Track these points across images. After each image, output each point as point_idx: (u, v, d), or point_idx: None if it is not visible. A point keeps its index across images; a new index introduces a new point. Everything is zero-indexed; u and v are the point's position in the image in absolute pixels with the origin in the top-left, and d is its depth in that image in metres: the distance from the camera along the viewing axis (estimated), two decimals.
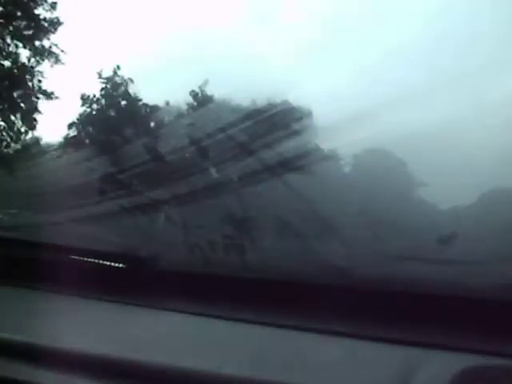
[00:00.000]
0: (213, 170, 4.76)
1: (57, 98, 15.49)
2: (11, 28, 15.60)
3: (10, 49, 15.67)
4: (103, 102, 14.58)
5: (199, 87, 12.71)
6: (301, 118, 7.21)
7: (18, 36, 15.61)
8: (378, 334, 1.51)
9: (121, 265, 2.05)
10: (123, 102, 14.35)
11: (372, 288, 1.67)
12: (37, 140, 15.74)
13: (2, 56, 15.53)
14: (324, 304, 1.61)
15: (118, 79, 14.61)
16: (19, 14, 15.54)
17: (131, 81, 14.53)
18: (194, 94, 12.68)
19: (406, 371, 1.39)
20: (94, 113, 14.52)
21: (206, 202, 4.11)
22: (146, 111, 13.74)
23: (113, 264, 2.06)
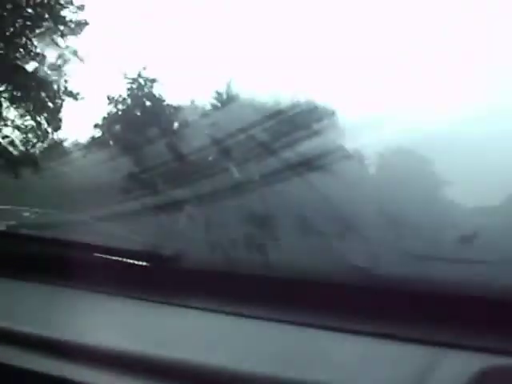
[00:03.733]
0: (235, 170, 4.78)
1: (82, 98, 15.63)
2: (39, 30, 15.77)
3: (38, 50, 15.82)
4: (128, 102, 14.66)
5: (222, 87, 12.75)
6: (322, 118, 7.21)
7: (45, 37, 15.76)
8: (398, 333, 1.52)
9: (144, 263, 2.07)
10: (148, 103, 14.42)
11: (393, 287, 1.68)
12: (63, 140, 15.87)
13: (30, 57, 15.69)
14: (346, 303, 1.63)
15: (142, 79, 14.70)
16: (46, 15, 15.69)
17: (156, 81, 14.62)
18: (216, 95, 12.73)
19: (427, 370, 1.40)
20: (118, 113, 14.61)
21: (228, 201, 4.13)
22: (169, 111, 13.80)
23: (136, 262, 2.08)
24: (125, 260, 2.10)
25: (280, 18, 11.42)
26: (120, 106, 14.77)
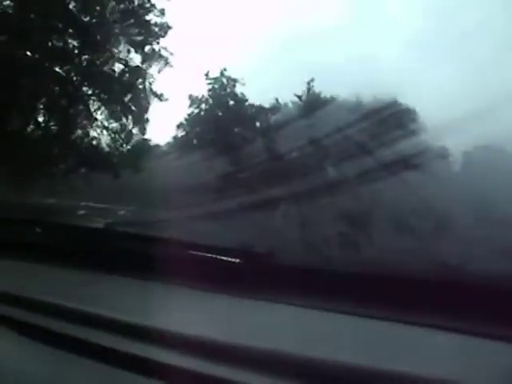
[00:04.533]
0: (330, 169, 4.78)
1: (166, 99, 15.94)
2: (124, 35, 16.19)
3: (123, 54, 16.25)
4: (220, 103, 14.81)
5: (310, 88, 12.74)
6: (416, 118, 7.14)
7: (130, 42, 16.18)
8: (492, 331, 1.50)
9: (238, 260, 2.10)
10: (238, 104, 14.53)
11: (485, 284, 1.66)
12: (155, 140, 16.21)
13: (116, 61, 16.12)
14: (438, 300, 1.62)
15: (225, 79, 14.84)
16: (132, 21, 16.10)
17: (237, 81, 14.75)
18: (308, 95, 12.72)
19: None
20: (209, 114, 14.78)
21: (322, 199, 4.14)
22: (264, 112, 13.86)
23: (230, 259, 2.11)
24: (218, 257, 2.14)
25: (358, 18, 11.33)
26: (211, 107, 14.94)
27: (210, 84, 15.00)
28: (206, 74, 15.07)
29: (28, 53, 15.49)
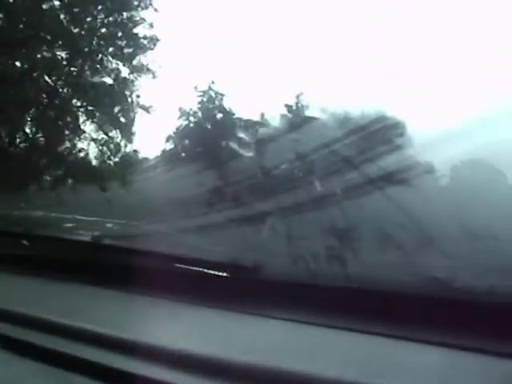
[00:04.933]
0: (318, 183, 4.78)
1: (154, 111, 16.03)
2: (112, 47, 16.26)
3: (112, 66, 16.31)
4: (208, 116, 14.83)
5: (298, 102, 12.77)
6: (402, 133, 7.17)
7: (118, 54, 16.24)
8: (478, 345, 1.50)
9: (224, 273, 2.10)
10: (227, 117, 14.55)
11: (473, 300, 1.67)
12: (142, 153, 16.23)
13: (105, 73, 16.17)
14: (424, 315, 1.63)
15: (213, 92, 14.87)
16: (120, 34, 16.17)
17: (225, 95, 14.79)
18: (294, 109, 12.74)
19: None
20: (198, 127, 14.79)
21: (309, 214, 4.14)
22: (251, 126, 13.87)
23: (216, 272, 2.11)
24: (205, 270, 2.13)
25: (348, 31, 11.37)
26: (199, 120, 14.95)
27: (199, 97, 15.01)
28: (195, 87, 15.07)
29: (16, 63, 15.48)
